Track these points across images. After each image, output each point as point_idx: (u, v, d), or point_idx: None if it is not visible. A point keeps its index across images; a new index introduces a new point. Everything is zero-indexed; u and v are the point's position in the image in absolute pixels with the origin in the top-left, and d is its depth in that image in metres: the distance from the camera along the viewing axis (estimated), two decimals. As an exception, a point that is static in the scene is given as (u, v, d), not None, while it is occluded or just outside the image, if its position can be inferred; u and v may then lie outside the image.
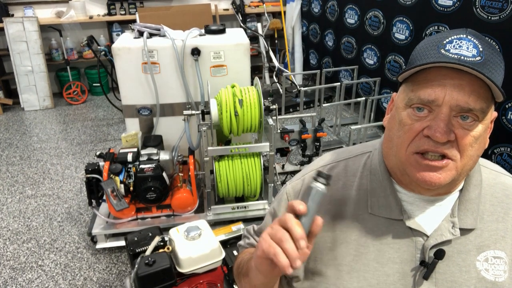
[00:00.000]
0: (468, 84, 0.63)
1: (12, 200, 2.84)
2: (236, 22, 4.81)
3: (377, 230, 0.75)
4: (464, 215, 0.74)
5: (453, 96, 0.63)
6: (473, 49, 0.64)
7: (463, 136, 0.65)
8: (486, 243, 0.73)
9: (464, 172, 0.69)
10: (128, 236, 1.70)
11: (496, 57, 0.66)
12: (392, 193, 0.76)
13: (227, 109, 2.09)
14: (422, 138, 0.66)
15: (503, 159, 2.58)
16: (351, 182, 0.80)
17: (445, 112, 0.64)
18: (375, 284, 0.74)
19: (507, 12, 2.38)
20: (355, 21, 3.94)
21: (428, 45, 0.68)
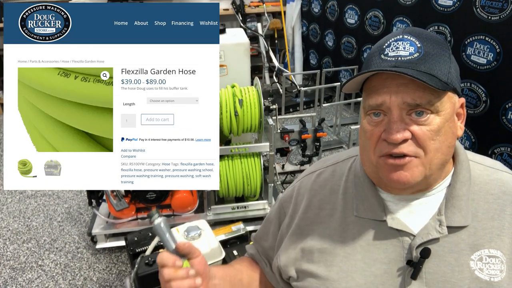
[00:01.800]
0: (410, 81, 0.65)
1: (12, 200, 2.84)
2: (236, 22, 4.81)
3: (364, 232, 0.77)
4: (451, 213, 0.74)
5: (399, 96, 0.65)
6: (410, 47, 0.66)
7: (419, 132, 0.66)
8: (480, 241, 0.73)
9: (436, 166, 0.70)
10: (128, 236, 1.70)
11: (438, 49, 0.68)
12: (375, 195, 0.78)
13: (227, 109, 2.09)
14: (382, 142, 0.69)
15: (503, 159, 2.58)
16: (338, 186, 0.83)
17: (395, 113, 0.66)
18: (363, 284, 0.75)
19: (507, 12, 2.38)
20: (355, 21, 3.94)
21: (372, 52, 0.72)
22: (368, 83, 0.71)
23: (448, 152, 0.71)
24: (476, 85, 2.69)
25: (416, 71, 0.64)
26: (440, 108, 0.67)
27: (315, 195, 0.84)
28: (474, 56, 2.66)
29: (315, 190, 0.85)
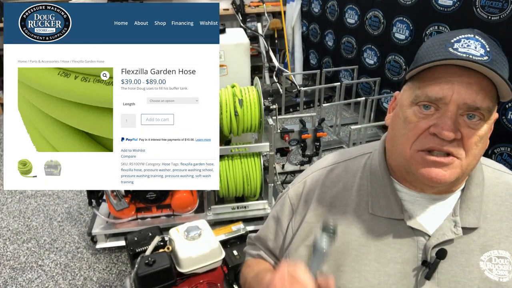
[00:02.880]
0: (476, 82, 0.63)
1: (12, 200, 2.84)
2: (236, 22, 4.81)
3: (378, 230, 0.75)
4: (466, 214, 0.73)
5: (461, 94, 0.63)
6: (480, 48, 0.64)
7: (469, 135, 0.65)
8: (490, 243, 0.73)
9: (468, 171, 0.69)
10: (128, 236, 1.70)
11: (502, 58, 0.66)
12: (393, 192, 0.76)
13: (227, 109, 2.09)
14: (428, 136, 0.66)
15: (503, 159, 2.58)
16: (351, 183, 0.81)
17: (452, 110, 0.64)
18: (377, 284, 0.74)
19: (507, 12, 2.38)
20: (355, 21, 3.94)
21: (436, 43, 0.68)
22: (429, 72, 0.67)
23: (479, 158, 0.71)
24: (476, 85, 2.68)
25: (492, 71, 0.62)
26: (491, 116, 0.67)
27: (327, 191, 0.82)
28: (474, 56, 2.66)
29: (327, 186, 0.82)
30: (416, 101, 0.67)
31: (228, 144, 2.38)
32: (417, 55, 0.71)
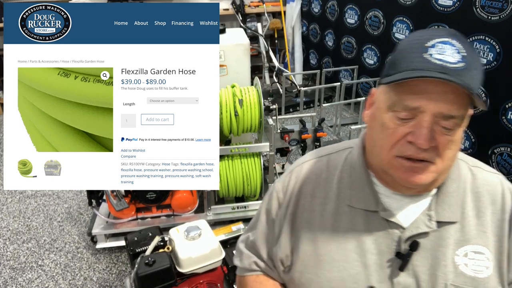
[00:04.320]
0: (452, 91, 0.63)
1: (12, 200, 2.84)
2: (236, 22, 4.81)
3: (356, 222, 0.78)
4: (441, 209, 0.75)
5: (437, 104, 0.64)
6: (456, 54, 0.64)
7: (444, 142, 0.66)
8: (467, 237, 0.74)
9: (444, 173, 0.72)
10: (128, 236, 1.70)
11: (477, 61, 0.67)
12: (369, 186, 0.78)
13: (227, 109, 2.09)
14: (405, 143, 0.67)
15: (503, 159, 2.58)
16: (333, 176, 0.83)
17: (428, 120, 0.65)
18: (355, 274, 0.76)
19: (507, 12, 2.38)
20: (355, 21, 3.94)
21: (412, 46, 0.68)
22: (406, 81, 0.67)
23: (455, 158, 0.73)
24: (476, 85, 2.68)
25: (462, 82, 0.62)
26: (465, 121, 0.68)
27: (309, 183, 0.84)
28: (474, 56, 2.66)
29: (309, 178, 0.85)
30: (393, 108, 0.68)
31: (228, 144, 2.38)
32: (394, 56, 0.71)
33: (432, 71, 0.62)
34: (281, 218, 0.86)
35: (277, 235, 0.87)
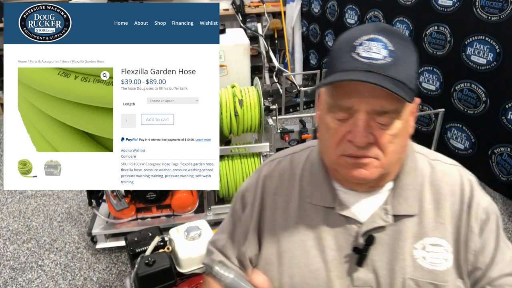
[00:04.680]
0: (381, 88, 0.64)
1: (12, 200, 2.84)
2: (236, 22, 4.81)
3: (316, 219, 0.79)
4: (397, 202, 0.76)
5: (368, 102, 0.65)
6: (383, 50, 0.65)
7: (382, 136, 0.67)
8: (424, 230, 0.75)
9: (391, 166, 0.72)
10: (128, 236, 1.70)
11: (408, 51, 0.67)
12: (327, 183, 0.80)
13: (227, 109, 2.09)
14: (346, 142, 0.69)
15: (503, 159, 2.58)
16: (295, 174, 0.85)
17: (362, 118, 0.66)
18: (315, 270, 0.77)
19: (507, 12, 2.38)
20: (355, 21, 3.94)
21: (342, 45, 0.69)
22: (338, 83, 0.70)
23: (403, 150, 0.74)
24: (476, 85, 2.69)
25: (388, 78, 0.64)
26: (403, 113, 0.68)
27: (273, 182, 0.86)
28: (474, 56, 2.66)
29: (273, 177, 0.86)
30: (331, 110, 0.70)
31: (228, 144, 2.38)
32: (329, 56, 0.73)
33: (359, 70, 0.64)
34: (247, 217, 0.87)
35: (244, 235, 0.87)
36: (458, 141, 2.93)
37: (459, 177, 0.79)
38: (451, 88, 2.90)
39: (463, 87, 2.80)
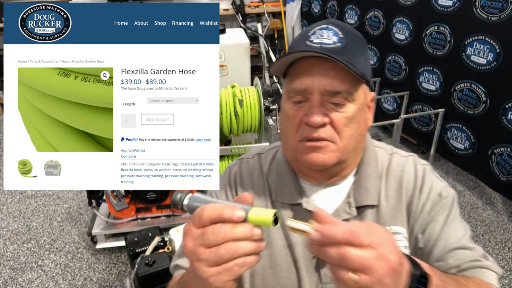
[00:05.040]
0: (332, 69, 0.68)
1: (12, 200, 2.84)
2: (236, 22, 4.81)
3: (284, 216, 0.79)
4: (358, 194, 0.77)
5: (321, 82, 0.68)
6: (333, 36, 0.70)
7: (337, 118, 0.70)
8: (383, 220, 0.76)
9: (348, 153, 0.74)
10: (128, 236, 1.70)
11: (358, 43, 0.72)
12: (293, 180, 0.81)
13: (227, 109, 2.09)
14: (304, 126, 0.71)
15: (503, 159, 2.58)
16: (262, 173, 0.86)
17: (316, 98, 0.69)
18: (286, 269, 0.77)
19: (507, 12, 2.38)
20: (355, 21, 3.94)
21: (298, 38, 0.74)
22: (292, 67, 0.73)
23: (360, 139, 0.75)
24: (476, 85, 2.69)
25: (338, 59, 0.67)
26: (356, 97, 0.71)
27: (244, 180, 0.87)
28: (474, 56, 2.66)
29: (243, 175, 0.87)
30: (289, 96, 0.73)
31: (228, 144, 2.38)
32: None
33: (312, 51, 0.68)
34: None
35: None
36: (458, 141, 2.93)
37: (413, 166, 0.81)
38: (451, 88, 2.90)
39: (463, 87, 2.80)
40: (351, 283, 0.46)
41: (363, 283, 0.45)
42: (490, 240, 2.40)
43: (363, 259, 0.45)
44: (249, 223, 0.50)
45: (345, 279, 0.46)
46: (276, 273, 0.77)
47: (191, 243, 0.51)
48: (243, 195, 0.54)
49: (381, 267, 0.46)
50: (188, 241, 0.51)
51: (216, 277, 0.49)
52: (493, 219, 2.58)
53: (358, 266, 0.45)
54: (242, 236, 0.49)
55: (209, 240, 0.49)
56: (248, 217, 0.50)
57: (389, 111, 3.70)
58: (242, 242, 0.49)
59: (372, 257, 0.46)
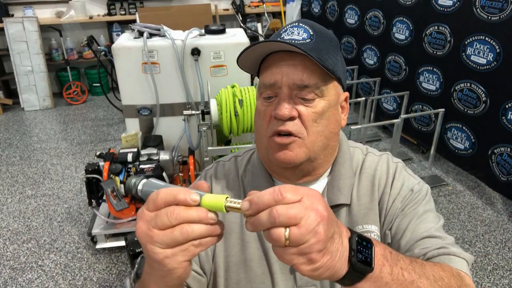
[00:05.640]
0: (300, 63, 0.69)
1: (12, 200, 2.84)
2: (236, 22, 4.81)
3: None
4: (331, 193, 0.77)
5: (289, 76, 0.69)
6: (303, 33, 0.71)
7: (305, 112, 0.70)
8: (355, 219, 0.76)
9: (318, 149, 0.73)
10: (128, 236, 1.70)
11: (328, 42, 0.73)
12: (267, 180, 0.80)
13: (227, 109, 2.09)
14: (273, 120, 0.71)
15: (503, 159, 2.58)
16: (238, 174, 0.85)
17: (285, 92, 0.69)
18: (261, 273, 0.76)
19: (507, 12, 2.38)
20: (355, 21, 3.94)
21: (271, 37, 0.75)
22: (263, 64, 0.74)
23: (331, 137, 0.75)
24: (476, 85, 2.69)
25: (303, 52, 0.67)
26: (326, 93, 0.71)
27: (219, 182, 0.86)
28: (474, 56, 2.66)
29: (218, 178, 0.86)
30: (260, 92, 0.73)
31: (228, 144, 2.38)
32: None
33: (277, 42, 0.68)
34: None
35: None
36: (458, 141, 2.93)
37: (386, 164, 0.81)
38: (451, 88, 2.90)
39: (463, 87, 2.80)
40: (284, 240, 0.44)
41: (295, 236, 0.44)
42: (490, 240, 2.40)
43: (291, 211, 0.44)
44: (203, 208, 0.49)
45: (277, 238, 0.45)
46: (250, 277, 0.76)
47: (145, 226, 0.49)
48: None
49: (310, 216, 0.45)
50: (142, 224, 0.50)
51: (172, 258, 0.48)
52: (493, 219, 2.58)
53: (287, 220, 0.44)
54: (197, 218, 0.48)
55: (163, 221, 0.48)
56: (202, 201, 0.49)
57: (389, 111, 3.70)
58: (197, 225, 0.48)
59: (300, 208, 0.45)
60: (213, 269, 0.79)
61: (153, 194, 0.50)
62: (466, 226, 2.50)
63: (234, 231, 0.79)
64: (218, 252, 0.79)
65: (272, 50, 0.71)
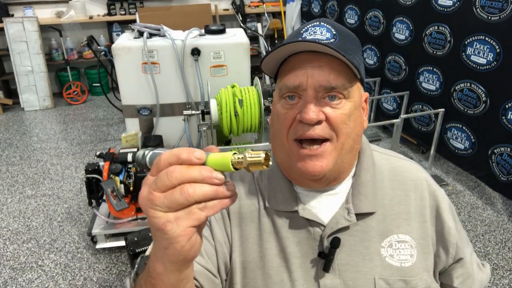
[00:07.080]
0: (326, 64, 0.66)
1: (12, 200, 2.84)
2: (236, 22, 4.81)
3: (277, 224, 0.74)
4: (358, 200, 0.73)
5: (315, 78, 0.65)
6: (326, 33, 0.68)
7: (333, 114, 0.66)
8: (389, 228, 0.73)
9: (346, 152, 0.69)
10: (128, 236, 1.70)
11: (352, 42, 0.71)
12: (287, 186, 0.76)
13: (227, 109, 2.09)
14: (297, 124, 0.67)
15: (503, 159, 2.58)
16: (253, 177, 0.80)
17: (311, 95, 0.66)
18: (279, 281, 0.72)
19: (507, 12, 2.38)
20: (355, 21, 3.94)
21: (290, 36, 0.72)
22: (285, 65, 0.70)
23: (357, 140, 0.71)
24: (476, 85, 2.69)
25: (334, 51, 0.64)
26: (351, 94, 0.68)
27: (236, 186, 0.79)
28: (474, 56, 2.66)
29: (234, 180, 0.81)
30: (281, 94, 0.69)
31: (228, 144, 2.38)
32: None
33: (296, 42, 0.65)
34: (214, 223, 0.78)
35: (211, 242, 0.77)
36: (458, 141, 2.93)
37: (418, 172, 0.79)
38: (451, 88, 2.90)
39: (463, 87, 2.80)
40: None
41: None
42: (490, 240, 2.40)
43: None
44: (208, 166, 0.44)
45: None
46: (268, 285, 0.72)
47: (146, 190, 0.45)
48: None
49: None
50: (143, 189, 0.45)
51: (174, 223, 0.43)
52: (493, 219, 2.58)
53: None
54: (199, 177, 0.42)
55: (163, 182, 0.43)
56: (207, 159, 0.44)
57: (389, 111, 3.70)
58: (199, 184, 0.42)
59: None
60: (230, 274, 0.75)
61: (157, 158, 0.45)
62: (466, 226, 2.50)
63: (251, 237, 0.75)
64: (234, 257, 0.75)
65: (297, 50, 0.68)
